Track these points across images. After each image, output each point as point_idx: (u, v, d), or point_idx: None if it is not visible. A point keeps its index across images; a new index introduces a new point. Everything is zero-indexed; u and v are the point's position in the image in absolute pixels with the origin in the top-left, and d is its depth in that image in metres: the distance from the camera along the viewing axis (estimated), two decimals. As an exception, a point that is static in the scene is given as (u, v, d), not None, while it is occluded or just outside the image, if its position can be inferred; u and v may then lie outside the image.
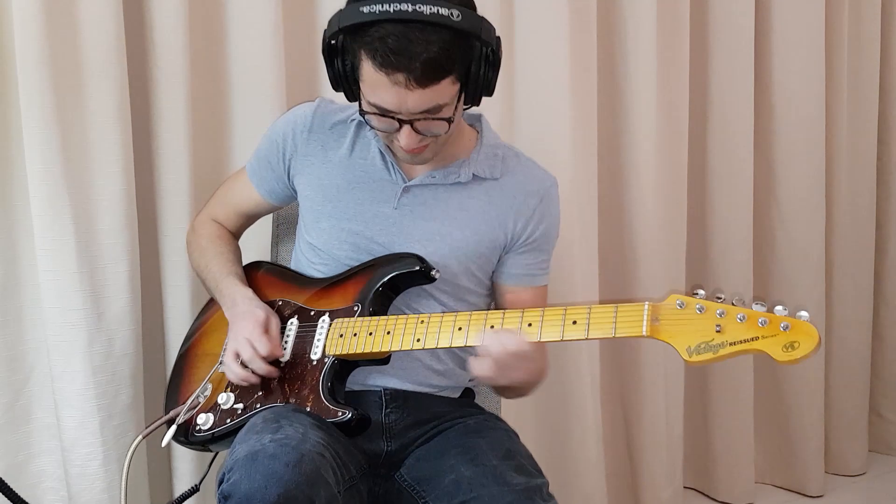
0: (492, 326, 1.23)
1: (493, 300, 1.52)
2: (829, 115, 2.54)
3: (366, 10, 1.19)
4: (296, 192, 1.50)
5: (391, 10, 1.17)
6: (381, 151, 1.42)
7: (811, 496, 2.61)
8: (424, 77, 1.20)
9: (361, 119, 1.41)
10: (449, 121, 1.28)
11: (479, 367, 1.22)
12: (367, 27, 1.19)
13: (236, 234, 1.63)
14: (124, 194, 1.63)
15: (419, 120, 1.26)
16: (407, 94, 1.21)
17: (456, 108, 1.28)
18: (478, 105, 1.32)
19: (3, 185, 1.60)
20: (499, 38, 1.29)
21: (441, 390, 1.46)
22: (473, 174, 1.41)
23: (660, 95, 2.23)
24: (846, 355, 2.74)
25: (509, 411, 1.67)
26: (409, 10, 1.17)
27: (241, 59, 1.77)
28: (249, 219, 1.62)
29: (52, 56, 1.52)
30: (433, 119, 1.26)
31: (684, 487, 2.56)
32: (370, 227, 1.41)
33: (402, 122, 1.26)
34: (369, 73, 1.22)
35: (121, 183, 1.62)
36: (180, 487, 1.73)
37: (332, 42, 1.26)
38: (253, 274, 1.54)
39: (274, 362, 1.37)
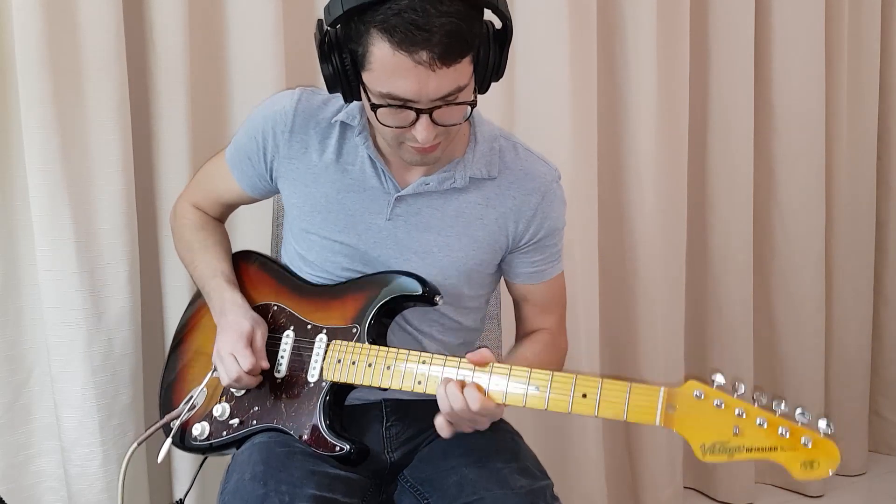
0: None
1: (511, 295, 1.47)
2: (829, 115, 2.54)
3: None
4: (279, 191, 1.42)
5: None
6: (370, 157, 1.32)
7: (811, 496, 2.61)
8: (448, 54, 1.09)
9: (344, 121, 1.33)
10: (471, 104, 1.18)
11: (437, 423, 1.21)
12: (378, 5, 1.08)
13: (220, 221, 1.55)
14: (124, 194, 1.63)
15: (438, 107, 1.14)
16: (428, 76, 1.10)
17: (474, 90, 1.19)
18: (486, 91, 1.22)
19: (3, 185, 1.60)
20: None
21: None
22: (470, 177, 1.33)
23: (660, 95, 2.23)
24: (846, 355, 2.73)
25: (509, 411, 1.67)
26: None
27: (241, 59, 1.76)
28: (232, 207, 1.54)
29: (52, 56, 1.52)
30: (453, 104, 1.16)
31: (684, 487, 2.56)
32: (363, 240, 1.34)
33: (419, 113, 1.15)
34: (385, 56, 1.10)
35: (121, 183, 1.62)
36: (180, 487, 1.73)
37: (333, 30, 1.14)
38: (245, 267, 1.47)
39: (268, 376, 1.33)
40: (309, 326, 1.35)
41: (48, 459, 1.69)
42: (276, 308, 1.40)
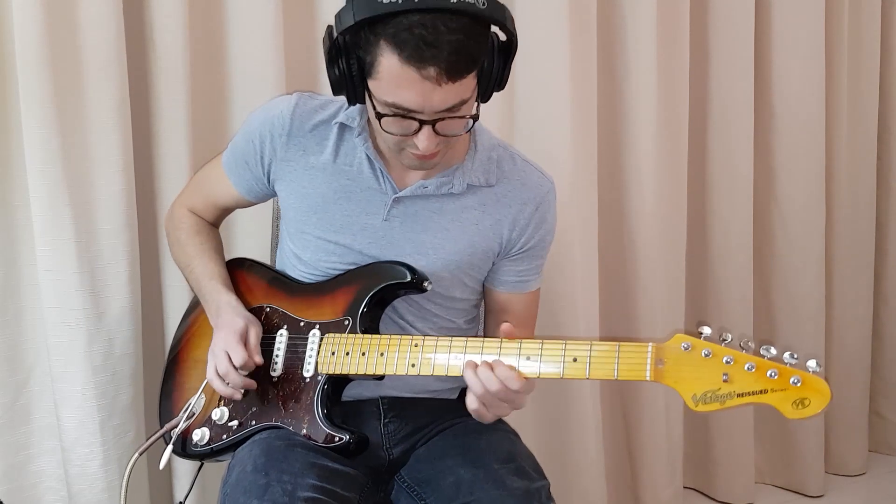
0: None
1: (484, 301, 1.49)
2: (829, 115, 2.54)
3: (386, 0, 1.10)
4: (276, 194, 1.44)
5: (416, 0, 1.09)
6: (368, 157, 1.33)
7: (811, 496, 2.61)
8: (455, 70, 1.12)
9: (344, 122, 1.34)
10: (474, 118, 1.22)
11: (470, 402, 1.21)
12: (390, 18, 1.10)
13: (215, 225, 1.57)
14: (124, 194, 1.63)
15: (441, 119, 1.18)
16: (434, 90, 1.13)
17: (477, 102, 1.22)
18: (488, 100, 1.26)
19: (3, 185, 1.61)
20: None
21: (439, 393, 1.45)
22: (467, 184, 1.35)
23: (660, 96, 2.23)
24: (846, 355, 2.73)
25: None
26: None
27: (241, 59, 1.77)
28: (228, 211, 1.56)
29: (52, 56, 1.52)
30: (455, 118, 1.19)
31: (684, 487, 2.56)
32: (358, 240, 1.36)
33: (422, 123, 1.17)
34: (393, 68, 1.12)
35: (121, 183, 1.62)
36: (180, 487, 1.73)
37: (343, 38, 1.16)
38: (236, 273, 1.48)
39: (264, 376, 1.34)
40: (302, 324, 1.37)
41: (48, 459, 1.69)
42: (268, 310, 1.41)
